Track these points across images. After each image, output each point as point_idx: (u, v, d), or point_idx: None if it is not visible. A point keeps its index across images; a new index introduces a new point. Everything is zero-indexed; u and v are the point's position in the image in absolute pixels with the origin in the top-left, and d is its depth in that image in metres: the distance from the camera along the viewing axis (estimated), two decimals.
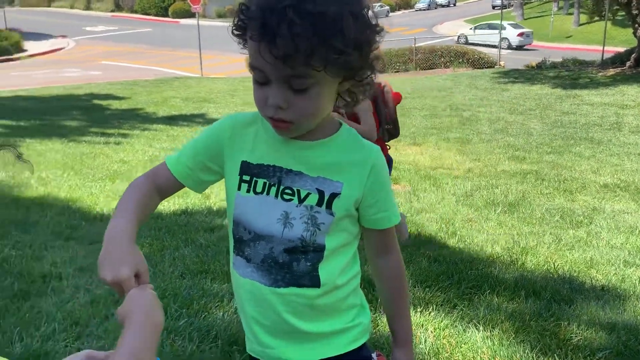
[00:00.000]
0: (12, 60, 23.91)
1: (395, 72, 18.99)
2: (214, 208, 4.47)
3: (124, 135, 8.25)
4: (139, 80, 16.39)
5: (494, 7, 43.97)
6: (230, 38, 1.08)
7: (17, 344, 2.12)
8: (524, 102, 12.21)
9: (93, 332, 2.24)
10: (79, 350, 2.10)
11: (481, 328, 2.44)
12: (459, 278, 3.02)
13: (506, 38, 27.99)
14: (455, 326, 2.46)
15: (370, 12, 1.08)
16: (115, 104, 11.87)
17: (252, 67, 1.08)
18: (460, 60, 19.79)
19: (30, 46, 26.91)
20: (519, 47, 27.93)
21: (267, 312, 1.22)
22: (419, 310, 2.59)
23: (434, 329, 2.42)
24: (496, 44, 23.26)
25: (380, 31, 1.10)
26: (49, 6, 54.61)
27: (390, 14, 40.67)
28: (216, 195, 4.68)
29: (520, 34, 28.75)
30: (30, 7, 52.91)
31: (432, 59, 20.05)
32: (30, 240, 3.36)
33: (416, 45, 20.03)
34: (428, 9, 49.14)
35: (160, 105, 11.81)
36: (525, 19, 38.92)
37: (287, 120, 1.10)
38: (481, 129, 9.21)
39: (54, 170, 5.65)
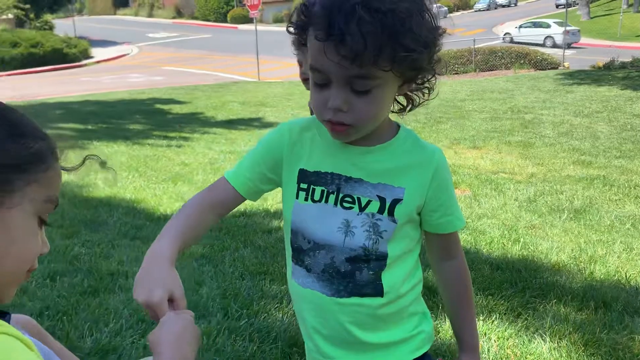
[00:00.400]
0: (80, 66, 25.15)
1: (454, 73, 18.64)
2: (271, 210, 4.52)
3: (185, 139, 8.48)
4: (199, 85, 16.85)
5: (557, 6, 42.51)
6: (285, 42, 1.08)
7: (88, 338, 2.21)
8: (590, 104, 11.69)
9: None
10: (145, 347, 2.17)
11: (547, 339, 2.35)
12: (523, 286, 2.92)
13: (551, 36, 27.44)
14: (520, 336, 2.38)
15: (433, 13, 1.05)
16: (176, 108, 12.25)
17: (313, 68, 1.06)
18: (522, 61, 19.19)
19: (97, 53, 28.21)
20: (568, 46, 27.09)
21: (329, 322, 1.20)
22: (481, 318, 2.51)
23: (498, 338, 2.35)
24: (541, 42, 22.66)
25: (443, 33, 1.07)
26: (115, 14, 57.18)
27: (449, 14, 40.05)
28: (273, 198, 4.73)
29: (566, 32, 28.03)
30: (98, 16, 55.54)
31: (492, 60, 19.53)
32: (98, 239, 3.51)
33: (475, 46, 19.60)
34: (488, 10, 48.06)
35: (219, 110, 12.09)
36: (591, 18, 37.35)
37: (347, 123, 1.08)
38: (544, 132, 8.89)
39: (120, 172, 5.88)
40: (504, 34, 29.40)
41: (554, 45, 26.17)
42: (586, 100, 12.14)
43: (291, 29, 1.07)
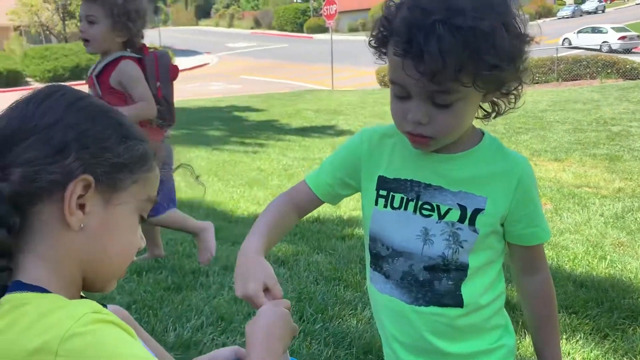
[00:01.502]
0: None
1: (534, 83, 17.95)
2: (344, 217, 4.55)
3: (261, 145, 8.71)
4: (275, 93, 17.25)
5: None
6: (360, 51, 1.09)
7: (171, 332, 2.32)
8: None
9: (237, 328, 2.38)
10: (224, 344, 2.24)
11: None
12: (610, 306, 2.76)
13: (607, 42, 26.46)
14: (607, 358, 2.25)
15: (519, 21, 1.02)
16: (253, 116, 12.59)
17: (392, 81, 1.06)
18: (609, 70, 18.18)
19: (181, 62, 29.53)
20: (626, 51, 25.73)
21: (406, 329, 1.20)
22: (564, 337, 2.41)
23: (582, 359, 2.24)
24: (598, 47, 22.29)
25: (530, 40, 1.04)
26: (197, 25, 59.70)
27: (530, 22, 38.58)
28: (346, 205, 4.76)
29: (622, 37, 26.98)
30: (181, 26, 58.19)
31: (576, 69, 18.64)
32: (181, 239, 3.67)
33: (558, 55, 18.80)
34: (572, 17, 45.97)
35: (294, 117, 12.31)
36: None
37: (427, 135, 1.07)
38: (633, 145, 8.37)
39: (200, 176, 6.12)
40: (563, 39, 28.47)
41: (610, 51, 25.28)
42: None
43: (372, 42, 1.07)
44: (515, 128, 9.81)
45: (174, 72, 2.66)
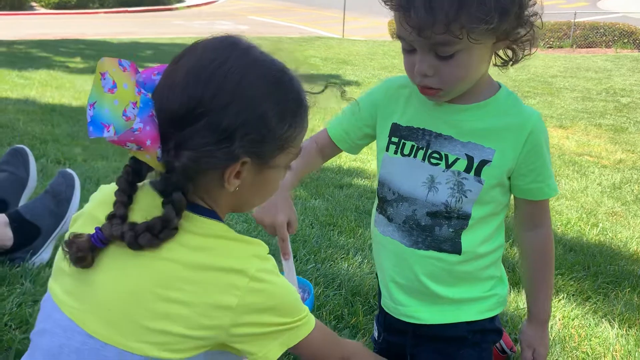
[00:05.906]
0: (172, 9, 25.83)
1: (548, 47, 17.65)
2: (344, 167, 4.57)
3: None
4: (284, 37, 16.93)
5: None
6: (374, 1, 1.09)
7: None
8: None
9: None
10: None
11: (616, 325, 2.29)
12: (596, 271, 2.83)
13: None
14: (587, 318, 2.33)
15: None
16: None
17: (397, 36, 1.08)
18: (626, 40, 17.83)
19: None
20: None
21: (404, 271, 1.25)
22: None
23: (563, 317, 2.31)
24: None
25: None
26: None
27: None
28: (347, 155, 4.77)
29: None
30: None
31: (592, 36, 18.28)
32: None
33: (576, 20, 18.37)
34: None
35: (301, 64, 12.09)
36: None
37: (434, 87, 1.09)
38: None
39: None
40: None
41: None
42: None
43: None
44: (524, 92, 9.72)
45: None
